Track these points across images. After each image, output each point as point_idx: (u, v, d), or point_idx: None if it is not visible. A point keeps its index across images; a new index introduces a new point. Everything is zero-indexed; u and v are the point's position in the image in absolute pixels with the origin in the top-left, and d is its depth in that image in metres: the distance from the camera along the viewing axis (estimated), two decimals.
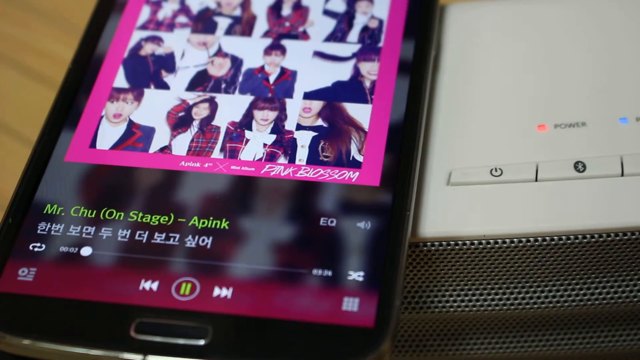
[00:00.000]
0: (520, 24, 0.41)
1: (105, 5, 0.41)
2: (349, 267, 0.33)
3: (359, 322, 0.31)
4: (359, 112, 0.37)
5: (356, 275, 0.32)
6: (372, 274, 0.32)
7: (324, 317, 0.31)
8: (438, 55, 0.40)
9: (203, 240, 0.33)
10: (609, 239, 0.35)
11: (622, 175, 0.36)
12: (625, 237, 0.35)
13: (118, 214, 0.34)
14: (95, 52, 0.39)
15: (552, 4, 0.41)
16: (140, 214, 0.34)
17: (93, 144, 0.36)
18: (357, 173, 0.35)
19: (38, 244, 0.34)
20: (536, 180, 0.36)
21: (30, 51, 0.60)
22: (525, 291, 0.36)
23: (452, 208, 0.35)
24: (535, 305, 0.36)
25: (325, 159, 0.35)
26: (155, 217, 0.34)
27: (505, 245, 0.35)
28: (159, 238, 0.34)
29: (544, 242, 0.35)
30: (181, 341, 0.31)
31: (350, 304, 0.32)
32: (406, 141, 0.36)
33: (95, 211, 0.34)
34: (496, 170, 0.36)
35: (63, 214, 0.34)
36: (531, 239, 0.35)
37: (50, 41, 0.58)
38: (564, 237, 0.35)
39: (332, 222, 0.34)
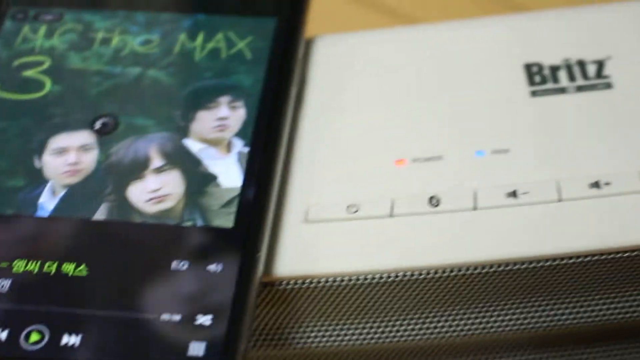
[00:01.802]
0: (385, 57, 0.41)
1: None
2: (197, 311, 0.33)
3: None
4: None
5: (204, 319, 0.33)
6: (219, 318, 0.33)
7: None
8: (302, 90, 0.40)
9: (51, 287, 0.34)
10: (460, 273, 0.35)
11: (475, 209, 0.36)
12: (477, 272, 0.35)
13: None
14: None
15: (416, 39, 0.42)
16: None
17: None
18: None
19: None
20: (391, 215, 0.36)
21: None
22: (384, 325, 0.37)
23: (309, 246, 0.36)
24: (395, 339, 0.37)
25: None
26: (13, 264, 0.34)
27: (359, 282, 0.35)
28: (13, 286, 0.34)
29: (397, 278, 0.35)
30: None
31: (197, 349, 0.32)
32: (261, 182, 0.36)
33: None
34: (352, 207, 0.37)
35: None
36: (384, 275, 0.35)
37: None
38: (416, 272, 0.35)
39: (183, 265, 0.34)
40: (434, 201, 0.37)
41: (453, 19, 0.43)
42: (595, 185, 0.37)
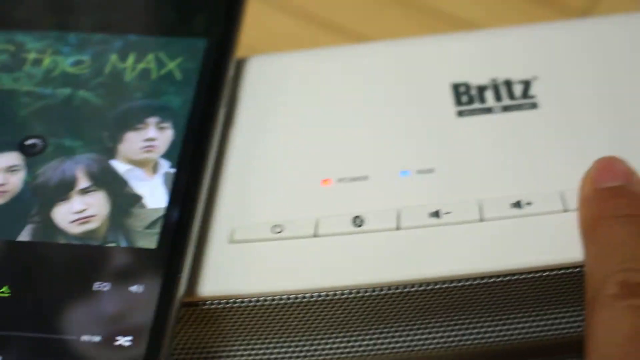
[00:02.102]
0: (314, 77, 0.42)
1: None
2: (118, 332, 0.33)
3: None
4: None
5: (124, 340, 0.33)
6: (138, 338, 0.33)
7: None
8: (232, 111, 0.40)
9: None
10: (382, 292, 0.36)
11: (398, 229, 0.37)
12: (398, 291, 0.36)
13: None
14: None
15: (345, 59, 0.42)
16: None
17: None
18: None
19: None
20: (315, 235, 0.37)
21: None
22: (309, 344, 0.37)
23: (233, 266, 0.36)
24: (320, 358, 0.37)
25: None
26: None
27: (282, 301, 0.36)
28: None
29: (320, 298, 0.36)
30: None
31: None
32: (186, 203, 0.36)
33: None
34: (277, 227, 0.37)
35: None
36: (307, 295, 0.36)
37: None
38: (339, 292, 0.36)
39: (104, 286, 0.34)
40: (357, 221, 0.37)
41: (397, 38, 0.44)
42: (517, 205, 0.37)
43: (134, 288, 0.34)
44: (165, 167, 0.38)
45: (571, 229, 0.36)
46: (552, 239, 0.36)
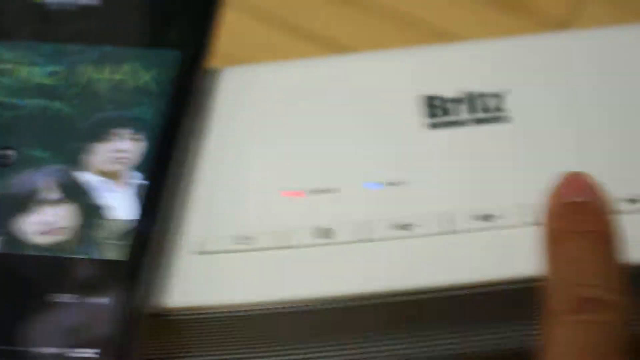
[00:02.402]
0: (287, 89, 0.42)
1: None
2: (84, 344, 0.33)
3: None
4: None
5: (90, 352, 0.33)
6: (105, 350, 0.33)
7: None
8: (204, 122, 0.41)
9: None
10: (350, 304, 0.36)
11: (370, 241, 0.37)
12: (365, 303, 0.36)
13: None
14: None
15: (318, 71, 0.42)
16: None
17: None
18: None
19: None
20: (285, 247, 0.37)
21: None
22: (277, 355, 0.37)
23: (201, 277, 0.36)
24: None
25: None
26: None
27: (249, 313, 0.36)
28: None
29: (287, 310, 0.36)
30: None
31: None
32: (155, 214, 0.36)
33: None
34: (247, 239, 0.37)
35: None
36: (275, 306, 0.36)
37: None
38: (306, 304, 0.36)
39: (71, 298, 0.34)
40: (328, 233, 0.37)
41: (375, 48, 0.44)
42: (488, 218, 0.37)
43: (101, 300, 0.34)
44: (136, 178, 0.38)
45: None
46: (520, 252, 0.36)
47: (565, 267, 0.33)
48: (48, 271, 0.35)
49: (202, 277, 0.36)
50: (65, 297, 0.34)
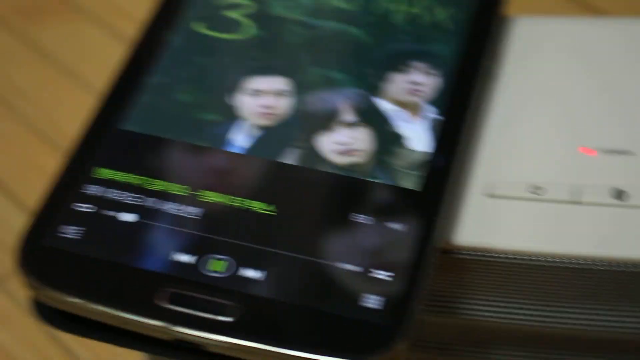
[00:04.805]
0: (581, 46, 0.41)
1: None
2: (377, 265, 0.33)
3: (380, 319, 0.32)
4: None
5: (383, 275, 0.33)
6: (398, 276, 0.33)
7: (347, 311, 0.32)
8: (495, 67, 0.40)
9: (239, 221, 0.35)
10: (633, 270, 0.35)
11: None
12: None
13: (168, 185, 0.35)
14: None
15: (612, 31, 0.41)
16: (189, 189, 0.35)
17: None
18: None
19: (87, 205, 0.35)
20: (574, 202, 0.36)
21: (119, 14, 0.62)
22: (550, 310, 0.37)
23: (489, 220, 0.36)
24: (559, 325, 0.37)
25: None
26: (205, 194, 0.35)
27: (534, 262, 0.35)
28: (202, 215, 0.35)
29: (572, 265, 0.35)
30: (208, 316, 0.32)
31: (375, 302, 0.32)
32: (450, 150, 0.36)
33: (146, 180, 0.36)
34: (537, 188, 0.36)
35: (115, 178, 0.36)
36: (560, 260, 0.35)
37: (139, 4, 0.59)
38: (591, 261, 0.35)
39: (367, 219, 0.34)
40: (621, 195, 0.36)
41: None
42: None
43: (396, 226, 0.34)
44: (430, 112, 0.38)
45: None
46: None
47: None
48: (344, 190, 0.35)
49: (491, 219, 0.36)
50: (361, 218, 0.34)
